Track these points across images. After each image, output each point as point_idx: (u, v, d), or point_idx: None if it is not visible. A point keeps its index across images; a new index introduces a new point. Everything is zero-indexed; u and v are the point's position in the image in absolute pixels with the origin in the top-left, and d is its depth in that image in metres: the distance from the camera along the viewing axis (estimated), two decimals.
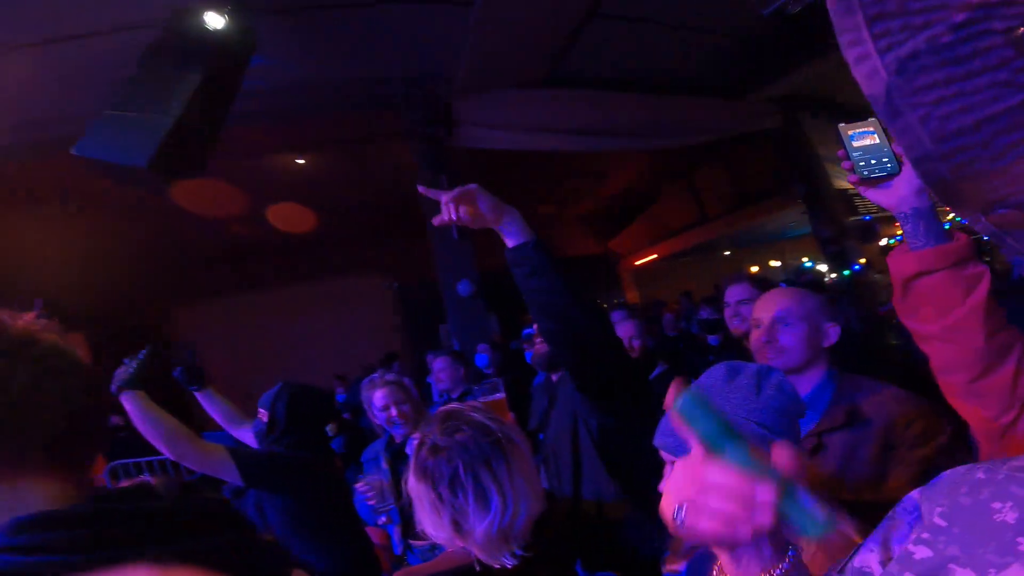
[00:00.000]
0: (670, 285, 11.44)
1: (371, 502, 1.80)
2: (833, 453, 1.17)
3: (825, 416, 1.23)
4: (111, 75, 3.17)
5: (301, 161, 6.58)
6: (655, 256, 12.71)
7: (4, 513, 0.54)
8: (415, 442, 1.01)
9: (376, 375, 2.20)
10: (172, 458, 1.71)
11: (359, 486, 1.85)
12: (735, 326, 2.04)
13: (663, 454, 0.97)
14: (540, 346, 1.82)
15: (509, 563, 0.94)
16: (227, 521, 0.63)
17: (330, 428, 4.47)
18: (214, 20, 3.27)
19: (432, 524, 0.96)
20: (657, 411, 0.83)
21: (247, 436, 2.17)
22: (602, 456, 1.38)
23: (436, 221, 1.24)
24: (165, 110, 3.04)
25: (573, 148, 5.95)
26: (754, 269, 13.57)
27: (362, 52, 4.63)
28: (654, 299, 9.91)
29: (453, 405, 1.08)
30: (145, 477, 0.63)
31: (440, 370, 3.34)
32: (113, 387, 1.77)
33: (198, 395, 2.27)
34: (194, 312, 10.03)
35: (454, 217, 1.21)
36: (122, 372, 1.80)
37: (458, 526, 0.93)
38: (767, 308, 1.36)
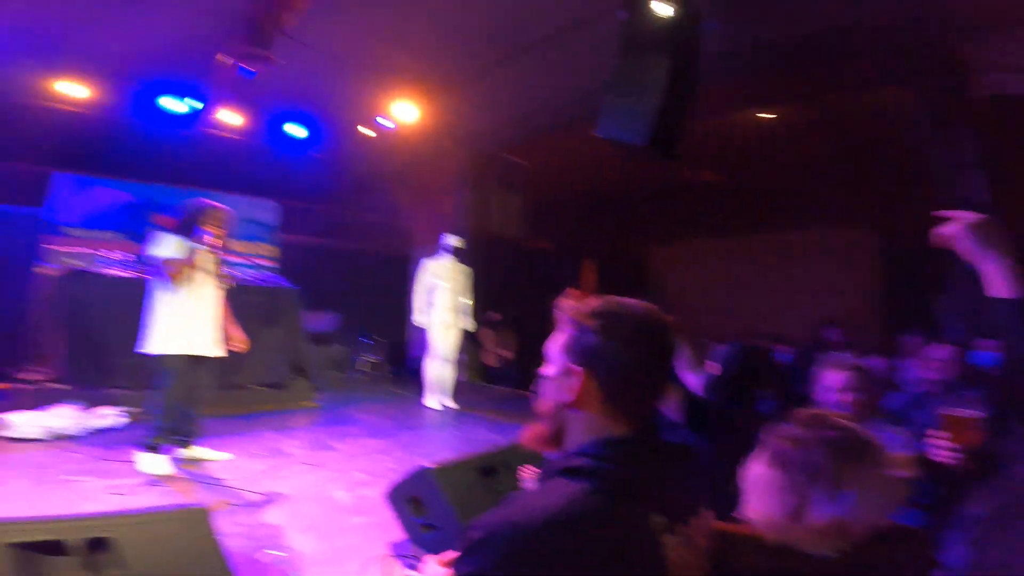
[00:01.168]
0: None
1: None
2: None
3: None
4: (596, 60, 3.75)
5: (766, 115, 6.39)
6: None
7: (595, 434, 0.84)
8: (774, 433, 1.07)
9: (840, 354, 2.17)
10: None
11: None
12: None
13: None
14: None
15: (828, 556, 0.97)
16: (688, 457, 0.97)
17: (765, 390, 4.38)
18: (661, 8, 3.50)
19: (767, 507, 1.01)
20: None
21: (693, 381, 2.32)
22: None
23: (940, 232, 1.24)
24: (649, 94, 3.55)
25: None
26: None
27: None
28: None
29: (819, 410, 1.14)
30: None
31: (941, 360, 2.94)
32: None
33: None
34: (669, 252, 11.32)
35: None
36: None
37: (797, 513, 0.98)
38: None
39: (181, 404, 3.41)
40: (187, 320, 3.42)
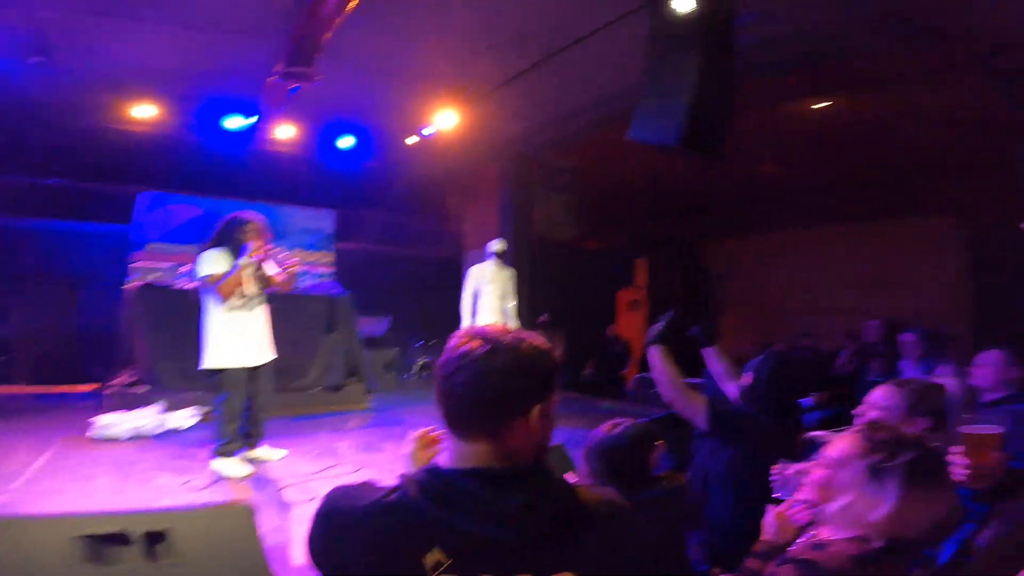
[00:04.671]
0: None
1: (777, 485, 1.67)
2: None
3: None
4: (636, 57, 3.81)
5: (823, 105, 6.12)
6: None
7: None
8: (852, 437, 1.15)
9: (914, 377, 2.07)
10: (664, 400, 2.15)
11: (774, 467, 1.75)
12: None
13: None
14: None
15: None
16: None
17: (816, 398, 4.22)
18: (682, 3, 3.41)
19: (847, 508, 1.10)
20: None
21: (733, 391, 2.37)
22: None
23: None
24: (679, 92, 3.44)
25: None
26: None
27: None
28: None
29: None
30: None
31: (984, 365, 2.69)
32: (645, 341, 2.25)
33: (704, 351, 2.55)
34: (724, 246, 10.95)
35: None
36: (654, 328, 2.25)
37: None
38: None
39: (239, 412, 3.60)
40: (237, 333, 3.56)
